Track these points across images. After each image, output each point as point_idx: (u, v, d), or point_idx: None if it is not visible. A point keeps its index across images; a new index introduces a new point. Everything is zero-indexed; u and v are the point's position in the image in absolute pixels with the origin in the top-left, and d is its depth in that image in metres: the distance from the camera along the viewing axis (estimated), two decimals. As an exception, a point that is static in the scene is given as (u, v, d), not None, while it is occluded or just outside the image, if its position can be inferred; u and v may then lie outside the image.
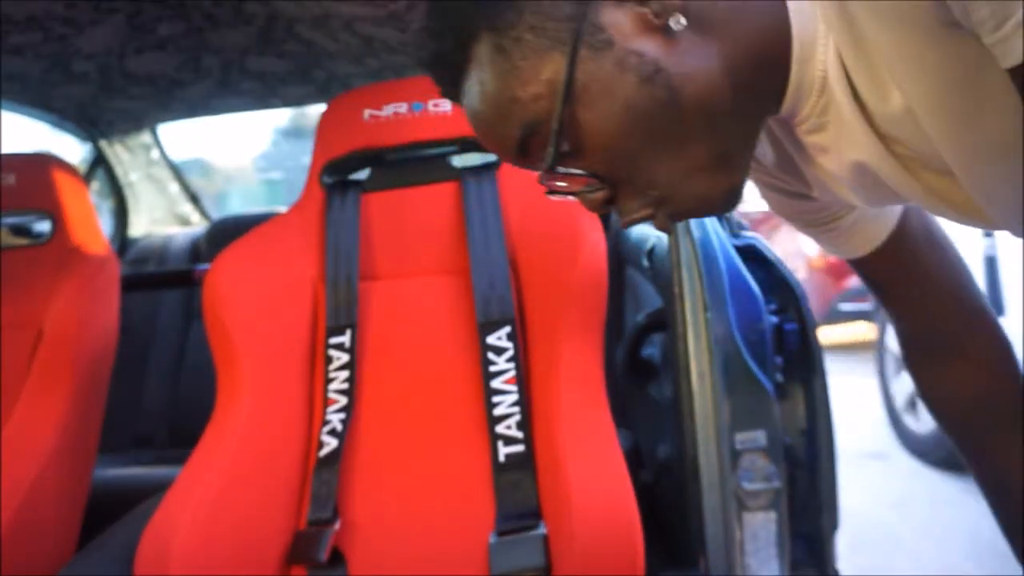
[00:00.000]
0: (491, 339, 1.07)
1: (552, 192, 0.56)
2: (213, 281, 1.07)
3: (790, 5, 0.50)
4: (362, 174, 1.23)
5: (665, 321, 1.09)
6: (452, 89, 0.55)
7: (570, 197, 0.56)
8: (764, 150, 0.65)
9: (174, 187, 2.41)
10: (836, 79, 0.50)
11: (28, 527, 1.13)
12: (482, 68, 0.51)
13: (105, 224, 2.03)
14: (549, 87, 0.49)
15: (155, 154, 2.27)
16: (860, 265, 0.74)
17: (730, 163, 0.53)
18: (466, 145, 1.20)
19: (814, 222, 0.71)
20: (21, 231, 1.64)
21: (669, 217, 0.54)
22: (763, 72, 0.51)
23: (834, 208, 0.69)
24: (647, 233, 1.41)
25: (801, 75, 0.51)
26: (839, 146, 0.54)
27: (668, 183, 0.52)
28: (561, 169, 0.52)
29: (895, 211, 0.70)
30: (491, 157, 1.18)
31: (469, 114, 0.54)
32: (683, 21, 0.49)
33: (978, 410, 0.76)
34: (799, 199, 0.68)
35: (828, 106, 0.52)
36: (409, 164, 1.21)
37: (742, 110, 0.51)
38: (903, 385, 2.89)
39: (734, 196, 0.54)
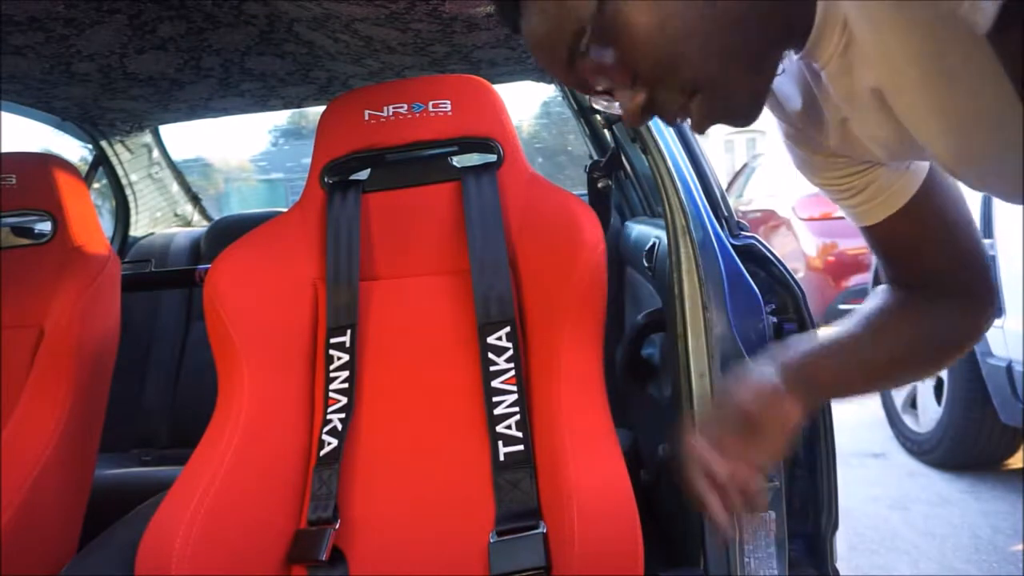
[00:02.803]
0: (491, 339, 1.07)
1: (594, 105, 0.63)
2: (214, 281, 1.07)
3: None
4: (362, 174, 1.23)
5: (665, 321, 1.09)
6: (512, 17, 0.63)
7: (615, 105, 0.62)
8: (793, 97, 0.70)
9: (175, 187, 2.42)
10: (855, 20, 0.56)
11: (29, 527, 1.13)
12: None
13: (106, 224, 2.04)
14: None
15: (156, 154, 2.28)
16: (884, 226, 0.73)
17: (757, 66, 0.59)
18: (466, 145, 1.20)
19: (836, 178, 0.74)
20: (22, 231, 1.64)
21: (703, 117, 0.60)
22: None
23: (853, 162, 0.72)
24: (647, 233, 1.41)
25: (825, 12, 0.58)
26: (860, 78, 0.60)
27: (702, 78, 0.57)
28: (598, 55, 0.58)
29: (919, 169, 0.71)
30: (491, 157, 1.18)
31: (527, 33, 0.62)
32: None
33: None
34: (820, 154, 0.73)
35: (849, 44, 0.58)
36: (409, 164, 1.21)
37: (768, 20, 0.57)
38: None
39: (756, 102, 0.60)
